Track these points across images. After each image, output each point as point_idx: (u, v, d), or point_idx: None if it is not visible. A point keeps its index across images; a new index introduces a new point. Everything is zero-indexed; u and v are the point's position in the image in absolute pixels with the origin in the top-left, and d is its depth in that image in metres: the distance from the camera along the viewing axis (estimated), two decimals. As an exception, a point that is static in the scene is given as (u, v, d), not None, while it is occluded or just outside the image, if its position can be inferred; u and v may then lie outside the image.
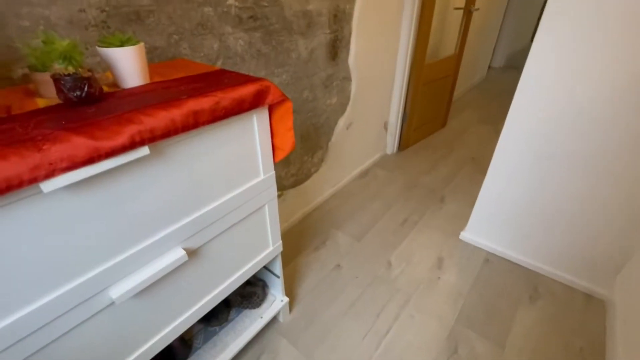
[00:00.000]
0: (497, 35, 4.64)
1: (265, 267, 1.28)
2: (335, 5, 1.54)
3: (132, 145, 0.54)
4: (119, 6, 0.85)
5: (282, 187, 1.74)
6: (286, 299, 1.32)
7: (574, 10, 1.10)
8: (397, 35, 2.14)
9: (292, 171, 1.77)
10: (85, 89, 0.60)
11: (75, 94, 0.59)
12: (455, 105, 3.62)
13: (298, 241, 1.80)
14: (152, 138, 0.57)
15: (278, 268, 1.22)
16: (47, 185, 0.48)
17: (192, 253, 0.80)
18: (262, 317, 1.23)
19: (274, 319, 1.36)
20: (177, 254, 0.74)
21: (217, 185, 0.80)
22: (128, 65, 0.68)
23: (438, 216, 1.99)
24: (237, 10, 1.13)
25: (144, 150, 0.58)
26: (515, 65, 5.23)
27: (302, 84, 1.56)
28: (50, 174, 0.47)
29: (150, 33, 0.94)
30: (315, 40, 1.51)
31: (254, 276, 1.31)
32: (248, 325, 1.21)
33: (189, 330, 1.18)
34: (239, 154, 0.81)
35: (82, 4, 0.78)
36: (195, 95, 0.65)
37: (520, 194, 1.51)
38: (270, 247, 1.10)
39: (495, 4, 3.83)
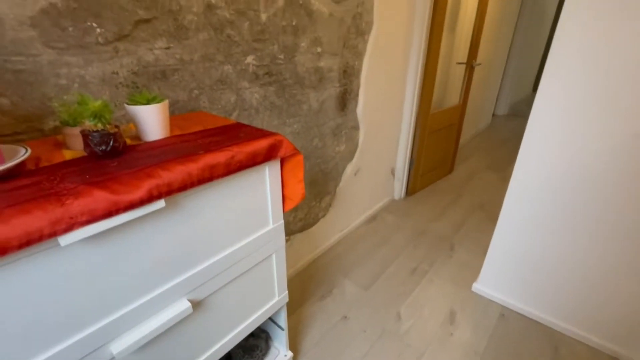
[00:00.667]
0: (500, 85, 4.84)
1: (269, 318, 1.23)
2: (345, 62, 1.65)
3: (149, 199, 0.57)
4: (147, 66, 0.93)
5: (289, 232, 1.73)
6: (290, 354, 1.25)
7: (575, 67, 1.16)
8: (403, 88, 2.25)
9: (300, 216, 1.77)
10: (111, 143, 0.64)
11: (100, 149, 0.63)
12: (461, 151, 3.68)
13: (303, 289, 1.75)
14: (168, 192, 0.59)
15: (283, 320, 1.17)
16: (65, 239, 0.49)
17: (197, 304, 0.79)
18: (263, 374, 1.16)
19: (276, 375, 1.28)
20: (182, 306, 0.73)
21: (227, 235, 0.80)
22: (151, 121, 0.73)
23: (449, 265, 1.92)
24: (254, 68, 1.22)
25: (160, 203, 0.59)
26: (518, 113, 5.38)
27: (312, 133, 1.63)
28: (69, 228, 0.49)
29: (174, 88, 1.02)
30: (325, 93, 1.60)
31: (257, 327, 1.25)
32: (248, 382, 1.13)
33: (186, 387, 1.10)
34: (250, 204, 0.83)
35: (115, 67, 0.86)
36: (211, 149, 0.69)
37: (533, 246, 1.47)
38: (276, 297, 1.07)
39: (496, 58, 4.05)
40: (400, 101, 2.29)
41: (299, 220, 1.77)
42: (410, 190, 2.71)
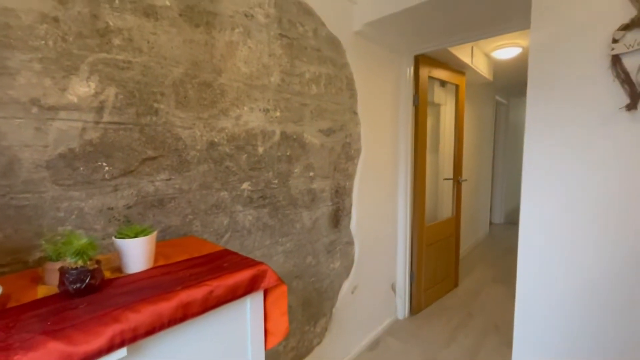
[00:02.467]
0: (491, 196, 5.05)
1: None
2: (336, 183, 1.77)
3: (109, 349, 0.52)
4: (147, 196, 1.00)
5: (278, 366, 1.52)
6: None
7: (551, 186, 1.23)
8: (394, 202, 2.35)
9: (291, 344, 1.59)
10: (87, 280, 0.63)
11: (74, 287, 0.62)
12: (464, 262, 3.56)
13: None
14: (133, 338, 0.55)
15: None
16: (-3, 407, 0.43)
17: None
18: None
19: None
20: None
21: (196, 384, 0.70)
22: (135, 253, 0.73)
23: (468, 409, 1.61)
24: (249, 193, 1.31)
25: (122, 353, 0.54)
26: (514, 221, 5.43)
27: (306, 250, 1.61)
28: (6, 392, 0.43)
29: (168, 215, 1.07)
30: (318, 211, 1.67)
31: None
32: None
33: None
34: (228, 344, 0.75)
35: (114, 200, 0.92)
36: (190, 284, 0.67)
37: (561, 384, 1.26)
38: None
39: (481, 173, 4.36)
40: (394, 215, 2.36)
41: (290, 349, 1.58)
42: (414, 308, 2.51)
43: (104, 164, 0.91)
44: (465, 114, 3.12)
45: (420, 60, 2.29)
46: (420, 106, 2.35)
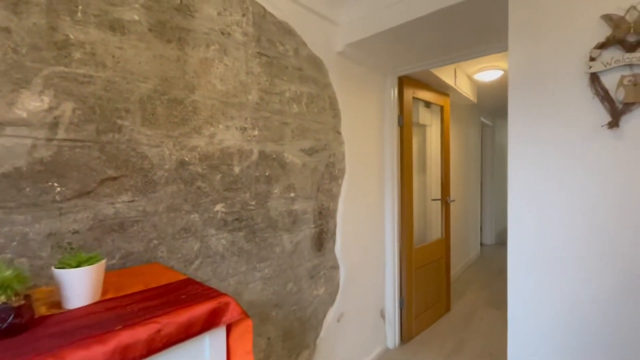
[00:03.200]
0: (480, 216, 5.03)
1: None
2: (320, 204, 1.70)
3: (15, 409, 0.42)
4: (104, 220, 0.92)
5: (255, 407, 1.38)
6: None
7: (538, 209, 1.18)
8: (382, 224, 2.28)
9: (270, 381, 1.45)
10: (9, 320, 0.54)
11: (-8, 328, 0.52)
12: (455, 285, 3.46)
13: None
14: (51, 393, 0.46)
15: None
16: None
17: None
18: None
19: None
20: None
21: None
22: (77, 286, 0.65)
23: None
24: (223, 215, 1.23)
25: (33, 412, 0.45)
26: (505, 241, 5.39)
27: (286, 276, 1.52)
28: None
29: (130, 240, 0.98)
30: (300, 234, 1.59)
31: None
32: None
33: None
34: (180, 390, 0.65)
35: (61, 228, 0.83)
36: (135, 321, 0.58)
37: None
38: None
39: (470, 193, 4.36)
40: (381, 237, 2.28)
41: (269, 387, 1.44)
42: (405, 336, 2.38)
43: (56, 184, 0.83)
44: (451, 135, 3.14)
45: (404, 82, 2.30)
46: (405, 127, 2.34)
